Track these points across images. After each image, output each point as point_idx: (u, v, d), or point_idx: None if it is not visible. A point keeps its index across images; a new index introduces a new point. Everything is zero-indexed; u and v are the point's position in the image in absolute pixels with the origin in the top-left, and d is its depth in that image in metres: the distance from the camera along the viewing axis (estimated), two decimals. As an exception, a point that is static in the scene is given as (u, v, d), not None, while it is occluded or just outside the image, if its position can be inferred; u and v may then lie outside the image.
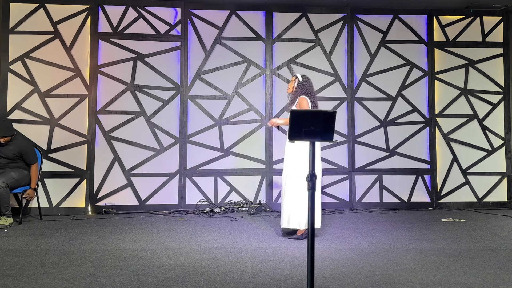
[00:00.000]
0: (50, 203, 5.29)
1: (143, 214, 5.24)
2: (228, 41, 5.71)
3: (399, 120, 5.86)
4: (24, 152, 4.57)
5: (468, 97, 5.92)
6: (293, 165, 3.74)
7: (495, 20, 5.98)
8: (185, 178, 5.54)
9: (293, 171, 3.74)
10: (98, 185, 5.39)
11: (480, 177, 5.88)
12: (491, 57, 5.97)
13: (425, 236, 3.95)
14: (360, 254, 3.26)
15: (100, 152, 5.42)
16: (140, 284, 2.55)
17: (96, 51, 5.46)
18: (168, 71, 5.59)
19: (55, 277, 2.67)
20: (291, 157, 3.76)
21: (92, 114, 5.42)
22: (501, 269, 2.87)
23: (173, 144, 5.56)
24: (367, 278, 2.66)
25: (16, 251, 3.35)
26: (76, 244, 3.60)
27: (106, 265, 2.94)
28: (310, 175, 1.92)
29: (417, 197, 5.82)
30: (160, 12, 5.61)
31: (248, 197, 5.57)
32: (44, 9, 5.41)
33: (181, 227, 4.37)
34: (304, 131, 1.88)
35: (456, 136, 5.89)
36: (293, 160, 3.74)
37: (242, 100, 5.67)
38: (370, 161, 5.79)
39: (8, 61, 5.32)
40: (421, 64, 5.91)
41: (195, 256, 3.20)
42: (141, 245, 3.55)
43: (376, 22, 5.89)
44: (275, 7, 5.73)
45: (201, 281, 2.60)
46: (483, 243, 3.66)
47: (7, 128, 4.53)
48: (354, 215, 5.19)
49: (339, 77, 5.80)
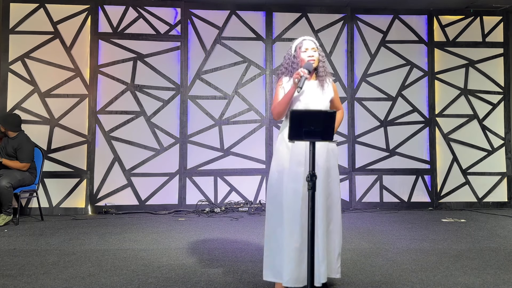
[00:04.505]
0: (50, 203, 5.29)
1: (143, 214, 5.24)
2: (228, 41, 5.70)
3: (399, 120, 5.86)
4: (20, 148, 4.64)
5: (468, 97, 5.92)
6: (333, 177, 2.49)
7: (495, 20, 5.98)
8: (185, 178, 5.54)
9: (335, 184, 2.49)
10: (98, 185, 5.39)
11: (480, 177, 5.88)
12: (491, 57, 5.97)
13: (425, 236, 3.95)
14: (360, 254, 3.26)
15: (100, 152, 5.42)
16: (140, 284, 2.55)
17: (96, 51, 5.46)
18: (168, 71, 5.59)
19: (55, 277, 2.67)
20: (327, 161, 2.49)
21: (92, 114, 5.42)
22: (501, 269, 2.87)
23: (173, 144, 5.56)
24: (367, 278, 2.66)
25: (16, 251, 3.35)
26: (76, 244, 3.60)
27: (106, 265, 2.94)
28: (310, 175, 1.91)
29: (417, 197, 5.81)
30: (160, 12, 5.61)
31: (248, 197, 5.56)
32: (44, 9, 5.41)
33: (181, 227, 4.37)
34: (304, 131, 1.88)
35: (456, 136, 5.89)
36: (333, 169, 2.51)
37: (242, 100, 5.67)
38: (370, 161, 5.79)
39: (8, 61, 5.32)
40: (421, 64, 5.91)
41: (195, 256, 3.20)
42: (141, 245, 3.54)
43: (376, 22, 5.89)
44: (275, 7, 5.73)
45: (201, 281, 2.60)
46: (483, 243, 3.66)
47: (16, 124, 4.75)
48: (354, 215, 5.18)
49: (339, 77, 5.80)
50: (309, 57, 2.47)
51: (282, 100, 2.44)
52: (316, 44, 2.55)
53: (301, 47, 2.51)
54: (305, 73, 2.32)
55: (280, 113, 2.46)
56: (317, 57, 2.50)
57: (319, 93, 2.48)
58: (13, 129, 4.71)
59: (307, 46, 2.50)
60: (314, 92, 2.48)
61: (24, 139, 4.72)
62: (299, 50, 2.51)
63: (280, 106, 2.45)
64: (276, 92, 2.54)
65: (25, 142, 4.70)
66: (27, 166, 4.66)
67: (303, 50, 2.50)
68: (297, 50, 2.52)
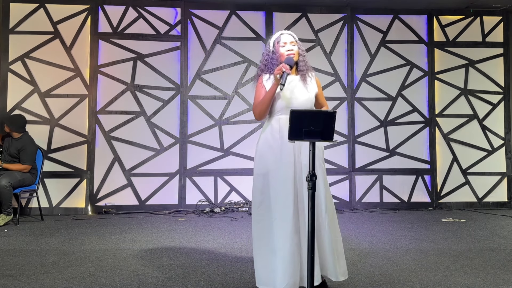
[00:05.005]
0: (50, 203, 5.29)
1: (143, 214, 5.24)
2: (228, 41, 5.70)
3: (399, 120, 5.86)
4: (23, 149, 4.64)
5: (468, 97, 5.92)
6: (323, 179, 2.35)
7: (495, 20, 5.98)
8: (185, 178, 5.54)
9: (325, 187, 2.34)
10: (98, 185, 5.39)
11: (480, 177, 5.88)
12: (491, 57, 5.97)
13: (425, 236, 3.95)
14: (360, 254, 3.26)
15: (100, 152, 5.42)
16: (140, 284, 2.55)
17: (96, 51, 5.46)
18: (168, 71, 5.59)
19: (55, 277, 2.67)
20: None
21: (92, 114, 5.42)
22: (501, 269, 2.87)
23: (173, 144, 5.56)
24: (367, 278, 2.66)
25: (16, 251, 3.35)
26: (76, 244, 3.60)
27: (106, 265, 2.94)
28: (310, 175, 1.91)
29: (417, 197, 5.81)
30: (160, 12, 5.61)
31: (248, 197, 5.56)
32: (44, 9, 5.41)
33: (181, 227, 4.37)
34: (304, 131, 1.88)
35: (456, 136, 5.89)
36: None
37: (242, 100, 5.67)
38: (370, 161, 5.79)
39: (8, 61, 5.32)
40: (421, 64, 5.91)
41: (195, 256, 3.20)
42: (141, 245, 3.54)
43: (376, 22, 5.89)
44: (275, 7, 5.73)
45: (201, 281, 2.60)
46: (483, 243, 3.66)
47: (21, 125, 4.78)
48: (354, 215, 5.19)
49: (339, 77, 5.80)
50: (288, 51, 2.35)
51: (264, 98, 2.32)
52: (295, 37, 2.42)
53: (279, 42, 2.39)
54: (287, 68, 2.20)
55: (262, 112, 2.34)
56: (297, 50, 2.38)
57: (303, 89, 2.37)
58: (18, 130, 4.73)
59: (285, 40, 2.38)
60: (297, 88, 2.37)
61: (28, 141, 4.73)
62: (278, 45, 2.39)
63: (262, 104, 2.33)
64: (257, 90, 2.40)
65: (28, 144, 4.70)
66: (29, 168, 4.66)
67: (282, 45, 2.37)
68: (276, 45, 2.40)
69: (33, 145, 4.75)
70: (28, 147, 4.67)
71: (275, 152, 2.30)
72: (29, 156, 4.66)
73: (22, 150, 4.64)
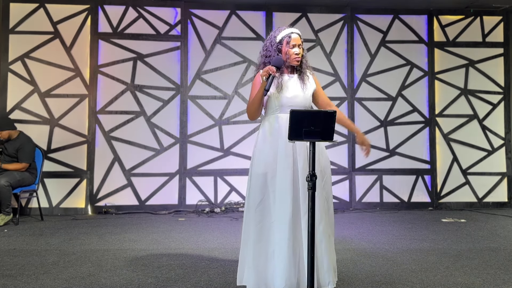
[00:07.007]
0: (50, 203, 5.29)
1: (143, 214, 5.24)
2: (228, 41, 5.70)
3: (399, 120, 5.86)
4: (21, 148, 4.64)
5: (468, 97, 5.92)
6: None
7: (495, 20, 5.98)
8: (185, 178, 5.54)
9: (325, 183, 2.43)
10: (98, 185, 5.39)
11: (480, 177, 5.88)
12: (491, 57, 5.96)
13: (425, 236, 3.95)
14: (360, 254, 3.26)
15: (100, 152, 5.42)
16: (140, 284, 2.55)
17: (96, 51, 5.45)
18: (168, 71, 5.59)
19: (55, 277, 2.67)
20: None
21: (92, 114, 5.41)
22: (501, 269, 2.87)
23: (173, 144, 5.56)
24: (367, 278, 2.66)
25: (16, 251, 3.35)
26: (76, 244, 3.60)
27: (106, 265, 2.94)
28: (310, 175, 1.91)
29: (417, 197, 5.81)
30: (160, 12, 5.61)
31: (248, 197, 5.56)
32: (44, 9, 5.41)
33: (181, 227, 4.37)
34: (304, 131, 1.88)
35: (456, 136, 5.89)
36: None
37: (242, 100, 5.67)
38: (370, 161, 5.79)
39: (8, 61, 5.32)
40: (421, 64, 5.91)
41: (195, 256, 3.20)
42: (141, 245, 3.54)
43: (376, 22, 5.89)
44: (275, 7, 5.73)
45: (201, 281, 2.59)
46: (483, 243, 3.66)
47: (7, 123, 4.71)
48: (354, 215, 5.18)
49: (339, 77, 5.80)
50: (296, 56, 2.34)
51: (254, 100, 2.29)
52: (302, 38, 2.42)
53: (289, 42, 2.35)
54: (273, 72, 2.17)
55: (252, 113, 2.32)
56: (302, 53, 2.38)
57: (301, 88, 2.35)
58: (9, 128, 4.68)
59: (295, 41, 2.35)
60: (295, 86, 2.35)
61: (26, 140, 4.74)
62: (286, 43, 2.36)
63: (252, 105, 2.30)
64: (252, 88, 2.36)
65: (26, 142, 4.71)
66: (26, 166, 4.66)
67: (291, 46, 2.35)
68: (283, 42, 2.37)
69: (30, 143, 4.75)
70: (25, 145, 4.67)
71: (276, 151, 2.29)
72: (27, 155, 4.66)
73: (20, 149, 4.64)
